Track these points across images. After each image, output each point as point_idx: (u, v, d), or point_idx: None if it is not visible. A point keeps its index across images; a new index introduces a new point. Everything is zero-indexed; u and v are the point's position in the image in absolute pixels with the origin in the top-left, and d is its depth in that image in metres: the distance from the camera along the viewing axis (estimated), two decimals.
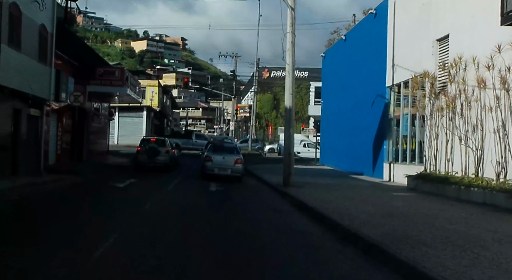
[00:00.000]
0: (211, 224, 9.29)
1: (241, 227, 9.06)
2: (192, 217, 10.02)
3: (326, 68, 32.69)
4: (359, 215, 9.63)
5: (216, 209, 11.64)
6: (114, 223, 8.88)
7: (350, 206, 11.30)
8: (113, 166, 25.91)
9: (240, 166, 20.09)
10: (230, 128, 55.01)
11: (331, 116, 30.79)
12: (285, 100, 17.32)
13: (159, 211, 10.77)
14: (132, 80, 29.89)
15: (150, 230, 8.37)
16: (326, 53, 32.41)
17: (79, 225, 8.53)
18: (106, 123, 32.15)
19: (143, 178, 20.13)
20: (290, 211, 11.94)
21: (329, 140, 31.16)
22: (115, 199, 12.86)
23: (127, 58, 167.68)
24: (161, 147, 24.00)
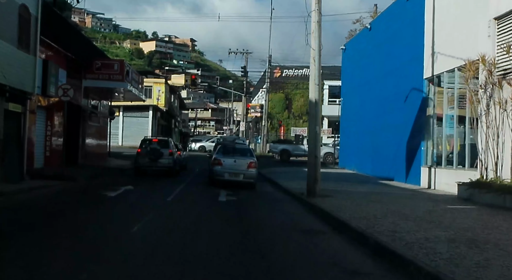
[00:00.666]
0: (218, 257, 6.45)
1: (261, 263, 6.23)
2: (191, 247, 7.16)
3: (346, 62, 29.75)
4: (435, 246, 6.73)
5: (225, 230, 8.80)
6: (75, 266, 6.07)
7: (409, 227, 8.40)
8: (112, 169, 23.21)
9: (254, 171, 17.28)
10: (241, 129, 52.24)
11: (353, 114, 27.86)
12: (310, 93, 14.46)
13: (149, 236, 7.93)
14: (134, 75, 27.20)
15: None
16: (347, 45, 29.48)
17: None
18: (106, 122, 29.48)
19: (141, 185, 17.37)
20: (323, 231, 9.08)
21: (350, 141, 28.21)
22: (99, 215, 10.08)
23: (135, 59, 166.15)
24: (164, 148, 21.26)
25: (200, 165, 28.23)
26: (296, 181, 19.28)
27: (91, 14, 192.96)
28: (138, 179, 19.69)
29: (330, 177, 22.05)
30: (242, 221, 10.03)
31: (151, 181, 19.14)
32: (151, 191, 15.39)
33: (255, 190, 17.10)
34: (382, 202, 12.57)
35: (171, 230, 8.52)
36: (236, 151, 18.21)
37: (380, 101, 22.78)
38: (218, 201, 13.20)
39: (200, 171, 25.57)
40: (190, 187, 17.16)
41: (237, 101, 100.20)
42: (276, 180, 19.89)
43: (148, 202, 12.47)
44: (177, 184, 17.63)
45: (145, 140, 22.03)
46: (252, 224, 9.78)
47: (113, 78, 23.89)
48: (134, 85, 26.91)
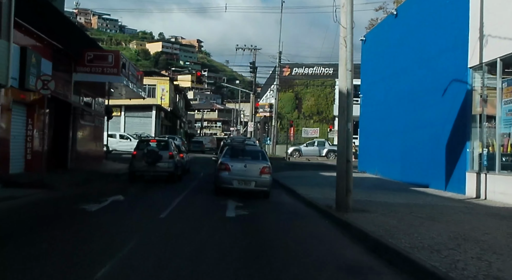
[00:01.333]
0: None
1: None
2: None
3: (367, 55, 26.89)
4: None
5: (237, 271, 6.00)
6: None
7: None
8: (105, 174, 20.52)
9: (268, 177, 14.51)
10: (249, 129, 49.49)
11: (375, 112, 24.99)
12: (340, 81, 11.65)
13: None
14: (132, 69, 24.54)
15: None
16: (368, 36, 26.61)
17: None
18: (102, 122, 26.84)
19: (134, 194, 14.66)
20: (377, 270, 6.30)
21: (372, 142, 25.34)
22: (59, 242, 7.32)
23: (142, 60, 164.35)
24: (164, 150, 18.54)
25: (205, 168, 25.50)
26: (316, 189, 16.50)
27: (97, 15, 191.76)
28: (132, 186, 16.97)
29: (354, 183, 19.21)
30: (259, 252, 7.23)
31: (147, 189, 16.41)
32: (144, 203, 12.63)
33: (270, 200, 14.33)
34: (437, 220, 9.74)
35: (156, 267, 5.76)
36: (247, 154, 15.43)
37: (411, 96, 19.93)
38: (225, 218, 10.41)
39: (205, 175, 22.84)
40: (192, 197, 14.39)
41: (244, 102, 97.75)
42: (293, 187, 17.10)
43: (135, 220, 9.70)
44: (177, 193, 14.89)
45: (142, 140, 19.34)
46: (273, 255, 6.98)
47: (107, 72, 21.22)
48: (132, 80, 24.24)
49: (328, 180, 20.68)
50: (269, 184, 14.57)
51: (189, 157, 25.11)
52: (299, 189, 16.46)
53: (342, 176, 11.13)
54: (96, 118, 25.50)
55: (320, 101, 57.22)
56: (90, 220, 9.43)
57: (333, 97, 57.05)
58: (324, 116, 57.60)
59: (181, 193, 15.02)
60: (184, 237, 8.15)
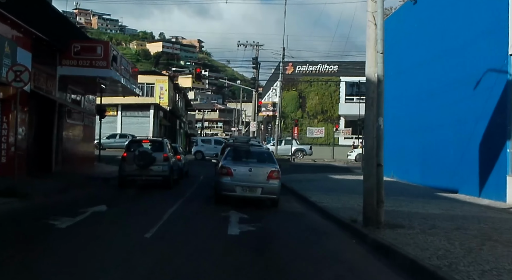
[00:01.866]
0: None
1: None
2: None
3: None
4: None
5: None
6: None
7: None
8: (93, 179, 18.46)
9: (276, 183, 12.44)
10: (251, 129, 47.44)
11: (389, 109, 22.76)
12: (367, 67, 9.58)
13: None
14: (124, 63, 22.48)
15: None
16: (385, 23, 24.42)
17: None
18: (93, 121, 24.79)
19: (120, 203, 12.59)
20: None
21: (386, 142, 23.08)
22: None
23: (142, 60, 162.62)
24: (158, 152, 16.48)
25: (205, 170, 23.44)
26: (331, 195, 14.43)
27: (97, 15, 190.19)
28: (121, 193, 14.95)
29: None
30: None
31: (137, 196, 14.33)
32: (129, 216, 10.53)
33: (279, 210, 12.26)
34: (496, 240, 7.68)
35: None
36: (251, 156, 13.35)
37: (434, 91, 17.86)
38: (226, 237, 8.32)
39: (205, 179, 20.81)
40: (188, 207, 12.29)
41: (246, 102, 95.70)
42: (303, 193, 15.02)
43: (111, 242, 7.61)
44: (171, 201, 12.82)
45: (133, 141, 17.26)
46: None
47: (96, 65, 19.16)
48: (125, 75, 22.18)
49: (342, 184, 18.61)
50: (278, 190, 12.50)
51: (187, 159, 23.05)
52: (311, 195, 14.39)
53: (371, 183, 9.05)
54: (86, 117, 23.45)
55: (324, 100, 55.20)
56: (52, 243, 7.35)
57: (338, 96, 55.06)
58: (329, 115, 55.61)
59: (176, 201, 12.94)
60: (171, 268, 6.06)
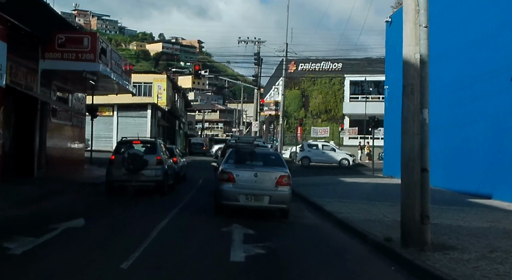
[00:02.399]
0: None
1: None
2: None
3: (394, 39, 22.80)
4: None
5: None
6: None
7: None
8: (80, 185, 16.55)
9: (286, 190, 10.54)
10: (253, 129, 45.52)
11: None
12: (405, 45, 7.76)
13: None
14: (115, 57, 20.59)
15: None
16: (395, 16, 22.58)
17: None
18: (82, 121, 22.90)
19: (102, 216, 10.66)
20: None
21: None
22: None
23: (142, 61, 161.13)
24: (150, 154, 14.60)
25: (205, 173, 21.54)
26: (349, 203, 12.54)
27: (96, 16, 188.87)
28: (106, 202, 13.07)
29: (389, 193, 15.25)
30: None
31: (124, 206, 12.39)
32: (108, 235, 8.57)
33: (290, 223, 10.36)
34: None
35: None
36: (257, 158, 11.43)
37: (459, 84, 15.96)
38: (228, 264, 6.40)
39: (205, 183, 18.96)
40: (182, 220, 10.35)
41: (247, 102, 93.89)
42: (316, 200, 13.11)
43: (75, 277, 5.69)
44: (162, 212, 10.93)
45: (122, 142, 15.32)
46: None
47: (82, 58, 17.28)
48: (116, 70, 20.30)
49: (357, 189, 16.69)
50: (288, 199, 10.60)
51: (185, 162, 21.14)
52: (325, 202, 12.49)
53: (412, 193, 7.15)
54: (74, 116, 21.54)
55: (328, 99, 53.34)
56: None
57: (342, 95, 53.16)
58: (333, 114, 53.74)
59: (169, 212, 11.03)
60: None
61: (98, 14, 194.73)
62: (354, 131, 47.10)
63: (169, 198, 14.04)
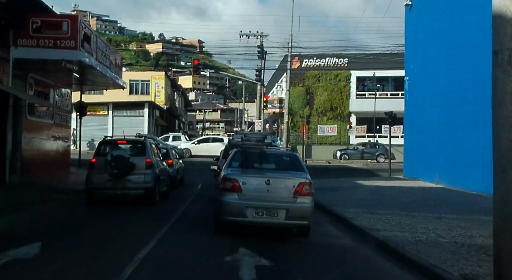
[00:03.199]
0: None
1: None
2: None
3: (414, 25, 20.36)
4: None
5: None
6: None
7: None
8: (59, 192, 14.17)
9: (308, 202, 8.14)
10: (256, 128, 43.09)
11: (432, 98, 18.51)
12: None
13: None
14: (102, 46, 18.19)
15: None
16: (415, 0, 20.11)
17: None
18: (67, 120, 20.50)
19: (66, 237, 8.21)
20: None
21: (428, 137, 18.86)
22: None
23: (142, 61, 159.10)
24: (138, 156, 12.23)
25: (205, 175, 19.05)
26: (380, 214, 10.14)
27: (96, 16, 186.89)
28: (82, 215, 10.68)
29: (426, 201, 12.82)
30: None
31: (100, 222, 9.97)
32: (65, 269, 6.15)
33: (313, 243, 8.00)
34: None
35: None
36: (269, 160, 9.02)
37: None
38: None
39: (204, 188, 16.66)
40: (173, 242, 7.91)
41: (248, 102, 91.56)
42: (339, 211, 10.70)
43: None
44: (149, 229, 8.56)
45: (105, 142, 12.89)
46: None
47: (61, 45, 14.87)
48: (103, 61, 17.90)
49: (382, 195, 14.24)
50: (310, 213, 8.19)
51: (182, 164, 18.72)
52: (353, 215, 10.09)
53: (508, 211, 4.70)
54: (57, 114, 19.14)
55: (334, 96, 50.95)
56: None
57: (348, 91, 50.75)
58: (339, 112, 51.34)
59: (158, 228, 8.63)
60: None
61: (97, 15, 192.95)
62: (362, 130, 44.71)
63: (161, 209, 11.64)
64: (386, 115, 23.53)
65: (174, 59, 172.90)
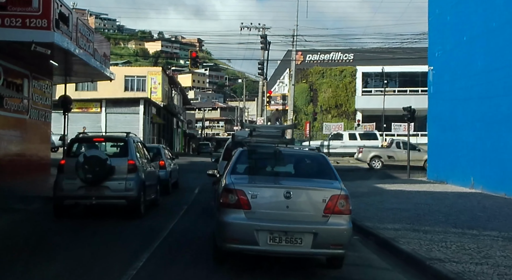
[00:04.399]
0: None
1: None
2: None
3: (440, 6, 17.93)
4: None
5: None
6: None
7: None
8: (27, 200, 11.77)
9: (344, 223, 5.77)
10: None
11: (463, 89, 16.08)
12: None
13: None
14: (85, 30, 15.79)
15: None
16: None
17: None
18: (47, 115, 18.07)
19: (14, 265, 5.83)
20: None
21: (459, 135, 16.43)
22: None
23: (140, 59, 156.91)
24: (119, 158, 9.89)
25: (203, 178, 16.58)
26: (432, 234, 7.76)
27: (94, 15, 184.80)
28: (41, 233, 8.33)
29: (472, 211, 10.44)
30: None
31: (66, 243, 7.58)
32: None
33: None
34: None
35: None
36: (285, 164, 6.62)
37: None
38: None
39: (202, 193, 14.42)
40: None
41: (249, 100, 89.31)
42: (377, 230, 8.30)
43: None
44: (120, 262, 6.18)
45: (78, 139, 10.48)
46: None
47: (31, 25, 12.49)
48: (84, 46, 15.51)
49: (416, 204, 11.79)
50: (347, 237, 5.83)
51: (176, 166, 16.30)
52: (394, 234, 7.77)
53: None
54: (33, 108, 16.71)
55: (339, 93, 48.71)
56: None
57: (354, 88, 48.44)
58: (344, 110, 49.06)
59: (135, 259, 6.24)
60: None
61: (96, 13, 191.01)
62: (371, 127, 42.36)
63: (145, 224, 9.26)
64: (405, 110, 21.12)
65: (174, 57, 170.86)
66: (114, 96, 39.74)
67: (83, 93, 41.89)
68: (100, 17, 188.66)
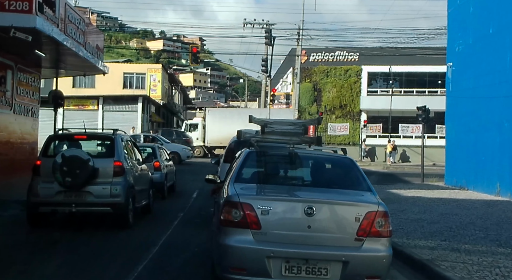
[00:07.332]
0: None
1: None
2: None
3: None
4: None
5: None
6: None
7: None
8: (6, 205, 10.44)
9: (382, 248, 4.36)
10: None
11: (487, 87, 14.68)
12: None
13: None
14: (75, 18, 14.44)
15: None
16: None
17: None
18: (33, 110, 16.70)
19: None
20: None
21: (482, 137, 15.03)
22: None
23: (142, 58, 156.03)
24: (103, 158, 8.55)
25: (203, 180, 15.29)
26: (477, 254, 6.34)
27: (96, 13, 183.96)
28: (11, 246, 6.96)
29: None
30: None
31: (37, 260, 6.23)
32: None
33: None
34: None
35: None
36: (305, 170, 5.25)
37: None
38: None
39: (200, 198, 13.03)
40: None
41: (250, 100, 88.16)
42: (406, 247, 6.94)
43: None
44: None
45: (56, 136, 9.10)
46: None
47: (10, 8, 11.16)
48: (74, 35, 14.15)
49: (440, 213, 10.39)
50: (386, 267, 4.45)
51: (173, 167, 14.93)
52: (427, 252, 6.44)
53: None
54: (18, 102, 15.35)
55: (343, 93, 47.39)
56: None
57: (359, 88, 47.09)
58: (349, 110, 47.70)
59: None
60: None
61: (98, 11, 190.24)
62: (378, 128, 41.05)
63: (134, 235, 7.92)
64: (419, 110, 19.75)
65: (175, 56, 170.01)
66: (111, 93, 38.42)
67: (81, 90, 40.63)
68: (102, 16, 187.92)
